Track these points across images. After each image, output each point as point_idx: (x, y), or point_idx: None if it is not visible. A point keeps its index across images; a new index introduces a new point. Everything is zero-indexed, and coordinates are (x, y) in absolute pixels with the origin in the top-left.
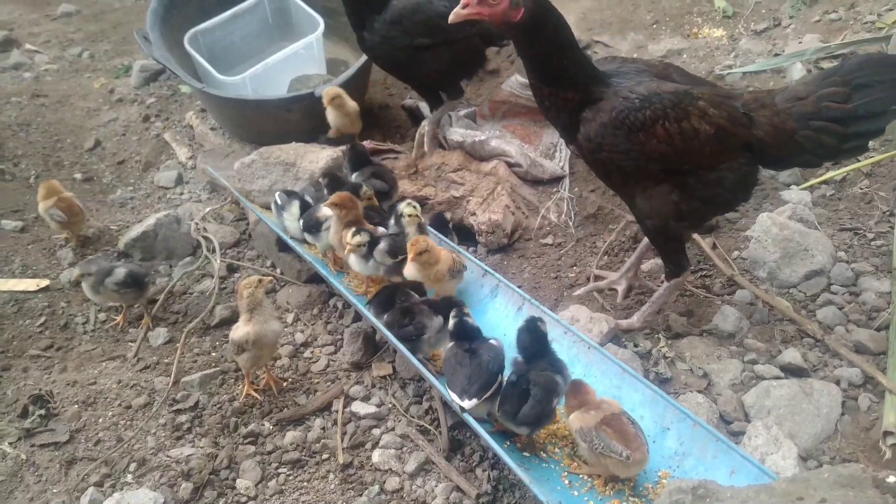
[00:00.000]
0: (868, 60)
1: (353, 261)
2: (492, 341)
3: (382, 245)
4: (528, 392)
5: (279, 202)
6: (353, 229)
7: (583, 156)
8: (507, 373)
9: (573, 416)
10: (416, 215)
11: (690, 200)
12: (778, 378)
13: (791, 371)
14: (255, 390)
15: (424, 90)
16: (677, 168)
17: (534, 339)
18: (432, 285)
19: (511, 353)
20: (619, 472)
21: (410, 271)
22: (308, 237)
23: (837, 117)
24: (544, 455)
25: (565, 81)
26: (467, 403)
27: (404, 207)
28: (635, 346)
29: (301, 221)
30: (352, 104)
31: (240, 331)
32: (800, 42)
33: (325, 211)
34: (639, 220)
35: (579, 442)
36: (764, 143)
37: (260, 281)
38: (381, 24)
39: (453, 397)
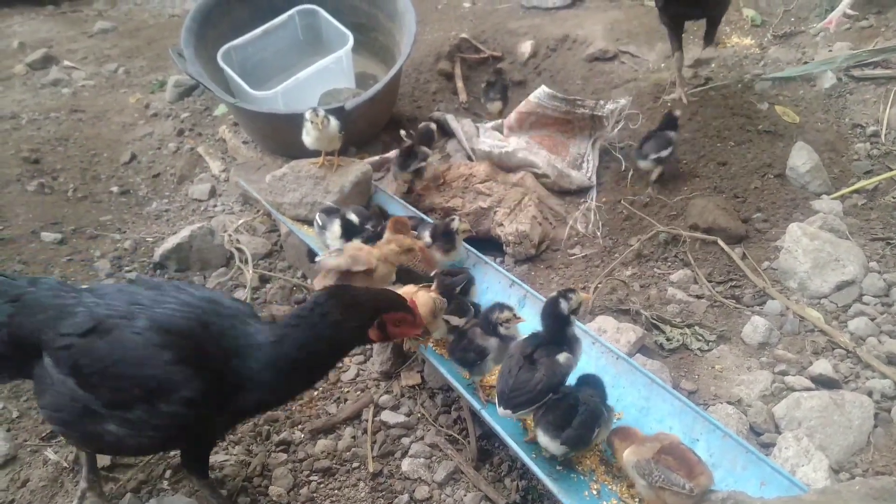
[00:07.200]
0: None
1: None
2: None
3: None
4: (576, 409)
5: (320, 222)
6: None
7: None
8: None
9: (628, 452)
10: (469, 230)
11: None
12: (809, 389)
13: (822, 382)
14: None
15: None
16: None
17: (595, 382)
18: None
19: None
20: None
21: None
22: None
23: None
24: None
25: None
26: (501, 412)
27: (457, 224)
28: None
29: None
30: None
31: None
32: (829, 50)
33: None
34: None
35: (636, 479)
36: None
37: None
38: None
39: (498, 406)
